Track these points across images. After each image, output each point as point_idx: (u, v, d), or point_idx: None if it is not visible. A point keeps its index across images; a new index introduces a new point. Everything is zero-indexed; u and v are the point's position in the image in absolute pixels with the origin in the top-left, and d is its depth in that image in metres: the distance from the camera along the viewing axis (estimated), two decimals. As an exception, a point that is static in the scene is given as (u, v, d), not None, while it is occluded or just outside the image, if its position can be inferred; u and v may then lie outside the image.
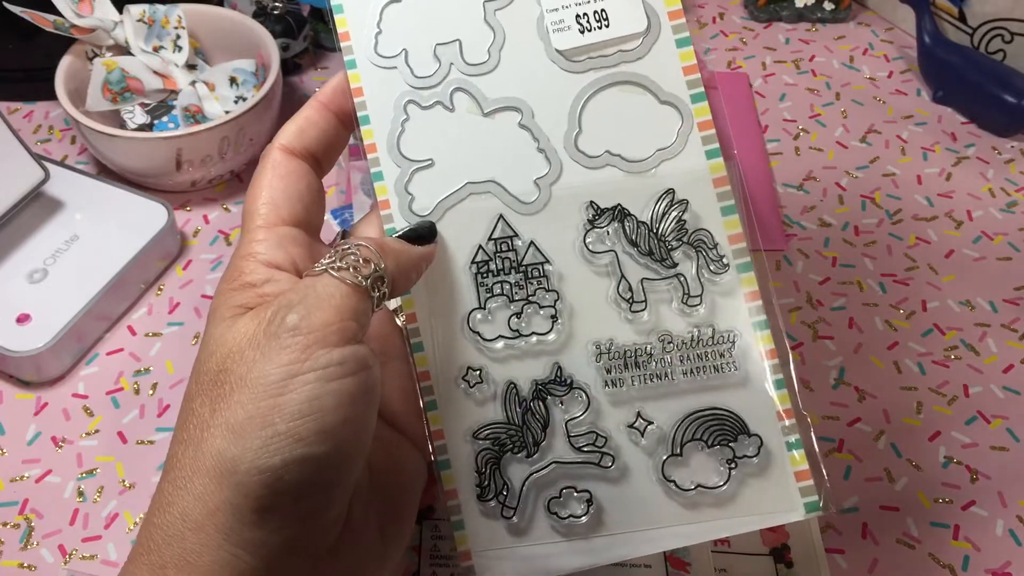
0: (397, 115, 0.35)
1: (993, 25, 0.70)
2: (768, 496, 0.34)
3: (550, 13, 0.35)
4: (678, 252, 0.35)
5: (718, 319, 0.34)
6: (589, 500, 0.34)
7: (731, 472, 0.34)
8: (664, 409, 0.34)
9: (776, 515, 0.33)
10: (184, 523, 0.27)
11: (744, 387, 0.34)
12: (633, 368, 0.34)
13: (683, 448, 0.34)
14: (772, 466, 0.34)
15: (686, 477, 0.34)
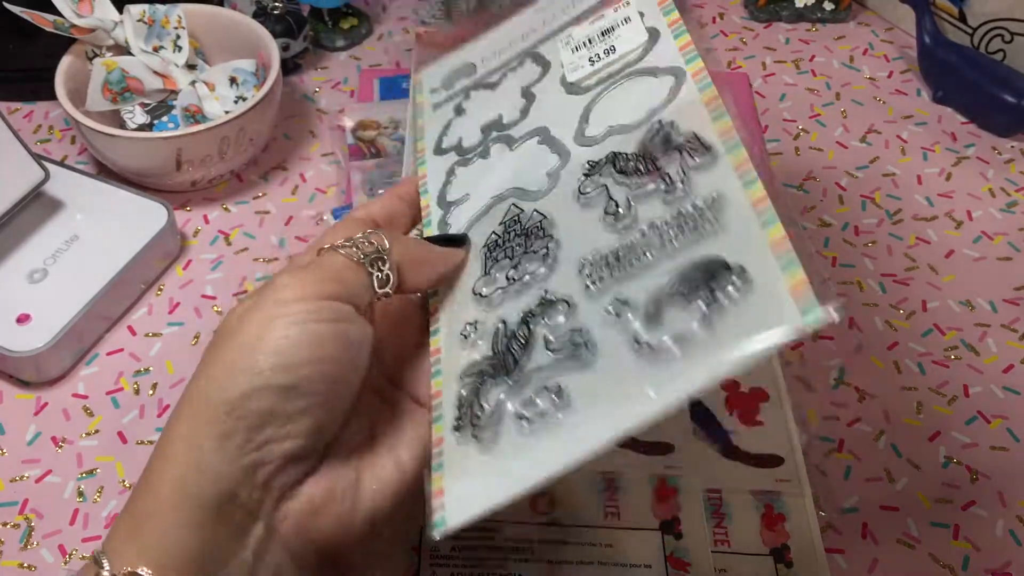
0: (446, 179, 0.41)
1: (993, 25, 0.70)
2: (754, 315, 0.29)
3: (569, 66, 0.41)
4: (663, 159, 0.35)
5: (700, 190, 0.33)
6: (558, 391, 0.31)
7: (710, 306, 0.30)
8: (642, 287, 0.32)
9: (765, 332, 0.28)
10: (161, 459, 0.30)
11: (727, 235, 0.31)
12: (614, 266, 0.33)
13: (658, 307, 0.31)
14: (758, 286, 0.29)
15: (661, 334, 0.30)
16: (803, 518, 0.42)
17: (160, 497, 0.29)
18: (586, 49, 0.41)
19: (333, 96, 0.70)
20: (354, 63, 0.73)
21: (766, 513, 0.42)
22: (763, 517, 0.41)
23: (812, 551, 0.40)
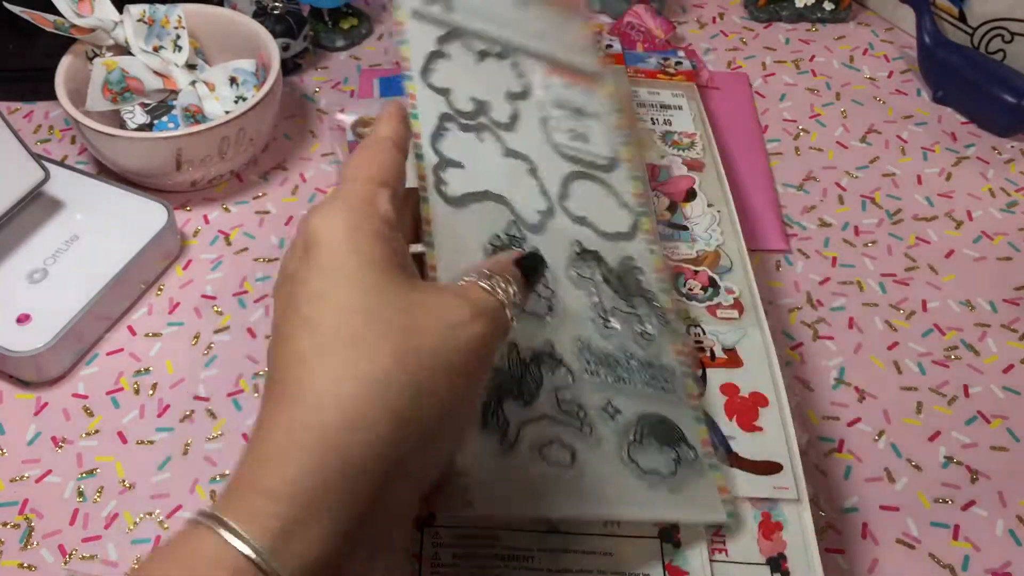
0: (440, 123, 0.44)
1: (993, 25, 0.70)
2: (703, 497, 0.41)
3: (553, 119, 0.47)
4: (636, 299, 0.45)
5: (662, 356, 0.44)
6: (572, 455, 0.39)
7: (677, 468, 0.41)
8: (629, 406, 0.41)
9: (709, 513, 0.41)
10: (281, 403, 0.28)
11: (682, 409, 0.43)
12: (606, 366, 0.42)
13: (643, 438, 0.41)
14: (704, 476, 0.42)
15: (644, 461, 0.40)
16: (800, 526, 0.42)
17: (289, 438, 0.27)
18: (564, 113, 0.48)
19: (333, 96, 0.70)
20: (354, 63, 0.73)
21: (763, 521, 0.42)
22: (761, 525, 0.41)
23: (808, 561, 0.41)
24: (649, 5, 0.74)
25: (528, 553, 0.40)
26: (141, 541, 0.46)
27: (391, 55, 0.74)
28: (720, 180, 0.57)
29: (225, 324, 0.55)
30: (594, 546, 0.40)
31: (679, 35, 0.76)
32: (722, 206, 0.56)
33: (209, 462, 0.49)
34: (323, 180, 0.64)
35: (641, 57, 0.67)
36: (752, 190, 0.63)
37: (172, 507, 0.47)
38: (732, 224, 0.54)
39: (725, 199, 0.56)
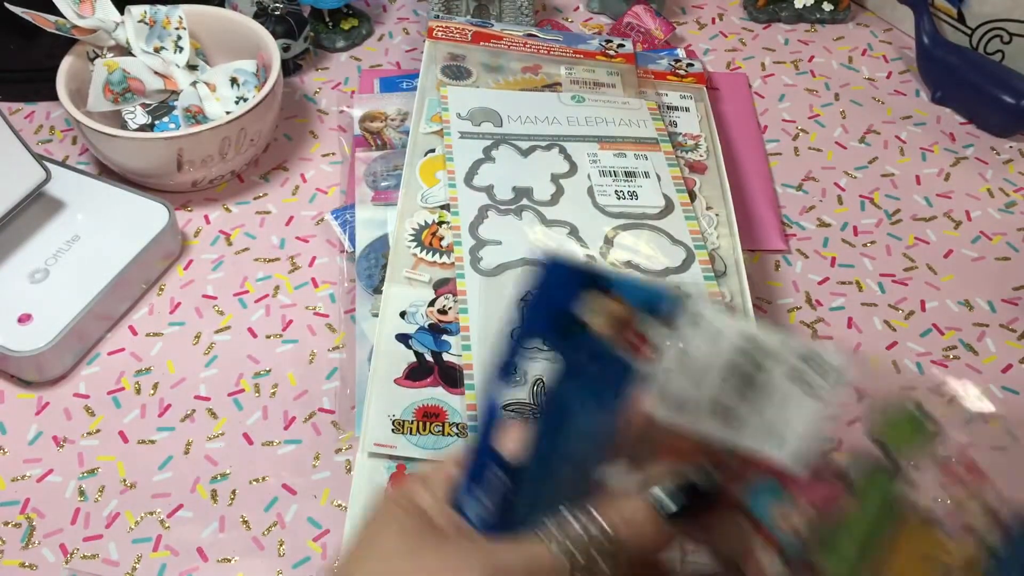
0: (479, 213, 0.52)
1: (992, 26, 0.70)
2: None
3: (597, 187, 0.54)
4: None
5: None
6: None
7: None
8: None
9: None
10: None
11: None
12: None
13: None
14: None
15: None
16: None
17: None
18: (612, 180, 0.54)
19: (334, 97, 0.70)
20: (354, 63, 0.73)
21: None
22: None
23: None
24: (648, 6, 0.74)
25: None
26: (142, 540, 0.46)
27: (391, 56, 0.74)
28: (721, 183, 0.58)
29: (226, 324, 0.55)
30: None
31: (679, 36, 0.76)
32: (720, 209, 0.56)
33: (210, 461, 0.49)
34: (323, 180, 0.64)
35: (652, 58, 0.67)
36: (751, 190, 0.63)
37: (173, 506, 0.47)
38: (729, 227, 0.55)
39: (724, 202, 0.56)
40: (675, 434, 0.27)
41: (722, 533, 0.28)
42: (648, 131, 0.58)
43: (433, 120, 0.59)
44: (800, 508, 0.26)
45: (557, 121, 0.58)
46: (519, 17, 0.71)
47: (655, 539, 0.27)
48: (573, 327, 0.27)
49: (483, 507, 0.28)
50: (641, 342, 0.27)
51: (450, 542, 0.28)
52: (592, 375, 0.27)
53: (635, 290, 0.27)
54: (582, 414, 0.27)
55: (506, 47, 0.65)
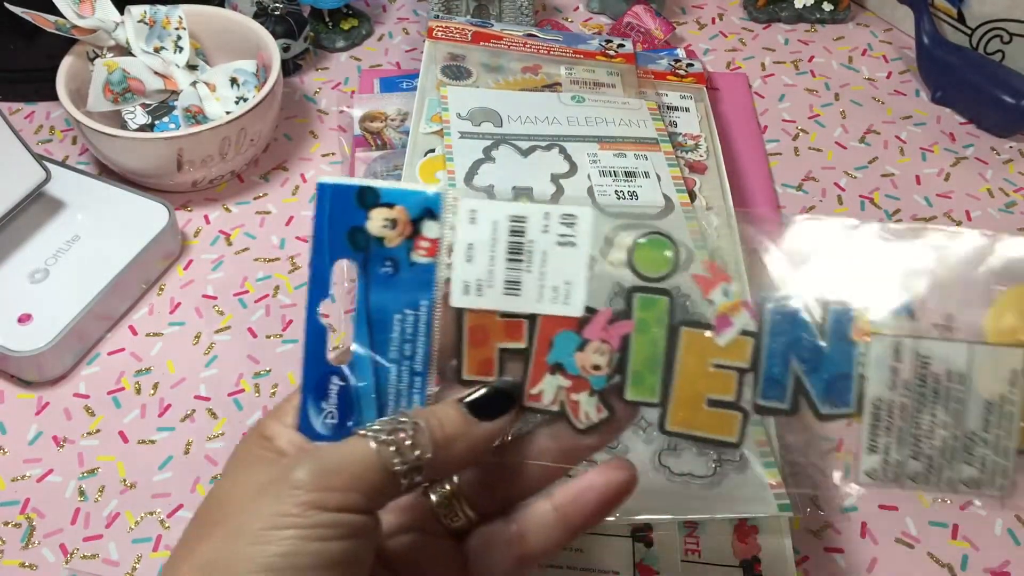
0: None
1: (992, 26, 0.70)
2: (746, 492, 0.41)
3: (597, 187, 0.53)
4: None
5: None
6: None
7: (716, 469, 0.41)
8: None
9: (752, 507, 0.41)
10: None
11: None
12: None
13: (677, 445, 0.42)
14: (750, 472, 0.41)
15: (678, 466, 0.41)
16: (776, 530, 0.42)
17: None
18: (612, 179, 0.53)
19: (334, 97, 0.70)
20: (354, 64, 0.73)
21: (739, 524, 0.42)
22: (736, 528, 0.42)
23: (783, 565, 0.41)
24: (648, 6, 0.74)
25: None
26: (142, 540, 0.46)
27: (391, 56, 0.74)
28: (721, 183, 0.58)
29: (226, 324, 0.55)
30: None
31: (679, 36, 0.76)
32: (721, 209, 0.56)
33: (210, 461, 0.49)
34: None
35: (652, 58, 0.67)
36: (752, 190, 0.63)
37: (173, 506, 0.47)
38: (730, 228, 0.55)
39: (724, 202, 0.56)
40: (481, 318, 0.30)
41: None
42: (648, 131, 0.58)
43: (433, 120, 0.59)
44: (598, 348, 0.30)
45: (557, 121, 0.58)
46: (519, 17, 0.71)
47: (467, 434, 0.29)
48: (366, 242, 0.30)
49: (330, 416, 0.30)
50: (429, 242, 0.30)
51: (285, 458, 0.29)
52: (397, 281, 0.30)
53: (407, 196, 0.30)
54: (399, 319, 0.30)
55: (506, 47, 0.65)
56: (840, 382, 0.29)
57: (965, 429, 0.29)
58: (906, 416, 0.30)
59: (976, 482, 0.30)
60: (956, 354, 0.29)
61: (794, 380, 0.29)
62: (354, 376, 0.30)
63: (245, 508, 0.27)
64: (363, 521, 0.27)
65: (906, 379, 0.29)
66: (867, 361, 0.29)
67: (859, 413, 0.30)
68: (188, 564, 0.26)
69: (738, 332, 0.29)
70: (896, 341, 0.29)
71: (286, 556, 0.25)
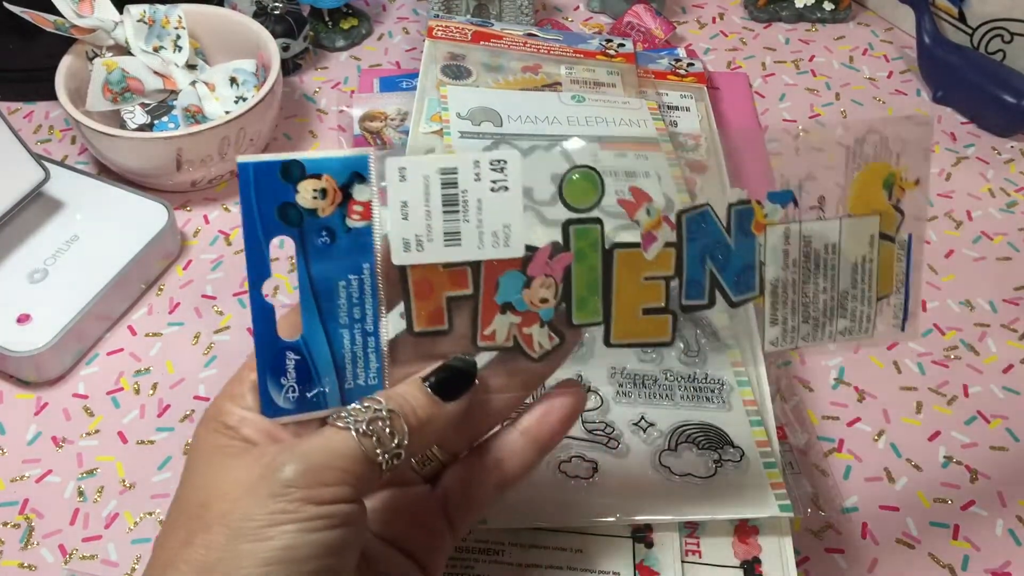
0: None
1: (993, 25, 0.70)
2: (746, 493, 0.41)
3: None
4: (681, 321, 0.46)
5: (709, 368, 0.46)
6: (595, 467, 0.42)
7: (717, 469, 0.42)
8: (664, 418, 0.44)
9: (752, 508, 0.41)
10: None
11: (729, 415, 0.44)
12: (641, 387, 0.45)
13: (678, 446, 0.43)
14: (751, 472, 0.42)
15: (678, 466, 0.42)
16: (777, 531, 0.41)
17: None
18: (612, 180, 0.51)
19: (333, 96, 0.70)
20: (354, 63, 0.73)
21: (740, 525, 0.42)
22: (736, 529, 0.41)
23: (783, 567, 0.41)
24: (649, 5, 0.74)
25: (498, 547, 0.41)
26: (141, 541, 0.46)
27: (391, 55, 0.74)
28: (722, 183, 0.57)
29: (225, 324, 0.55)
30: (565, 542, 0.41)
31: (679, 35, 0.76)
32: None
33: (209, 462, 0.49)
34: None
35: (652, 58, 0.67)
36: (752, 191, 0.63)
37: (172, 507, 0.47)
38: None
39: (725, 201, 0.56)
40: (425, 271, 0.31)
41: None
42: (648, 131, 0.58)
43: (433, 120, 0.59)
44: (543, 283, 0.31)
45: (557, 121, 0.58)
46: (519, 17, 0.71)
47: (437, 416, 0.31)
48: (299, 215, 0.30)
49: (291, 391, 0.31)
50: (362, 205, 0.30)
51: (256, 449, 0.29)
52: (336, 249, 0.30)
53: (332, 163, 0.30)
54: (344, 286, 0.31)
55: (506, 47, 0.65)
56: (746, 272, 0.33)
57: (839, 290, 0.34)
58: (796, 289, 0.34)
59: (850, 330, 0.35)
60: (830, 230, 0.33)
61: (710, 278, 0.33)
62: (308, 347, 0.31)
63: (239, 507, 0.27)
64: (353, 509, 0.28)
65: (794, 258, 0.33)
66: (765, 249, 0.33)
67: (762, 294, 0.33)
68: (187, 564, 0.27)
69: (662, 245, 0.32)
70: (785, 228, 0.33)
71: (287, 549, 0.26)
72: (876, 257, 0.34)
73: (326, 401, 0.31)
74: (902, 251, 0.35)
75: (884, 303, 0.35)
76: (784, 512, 0.40)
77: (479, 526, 0.40)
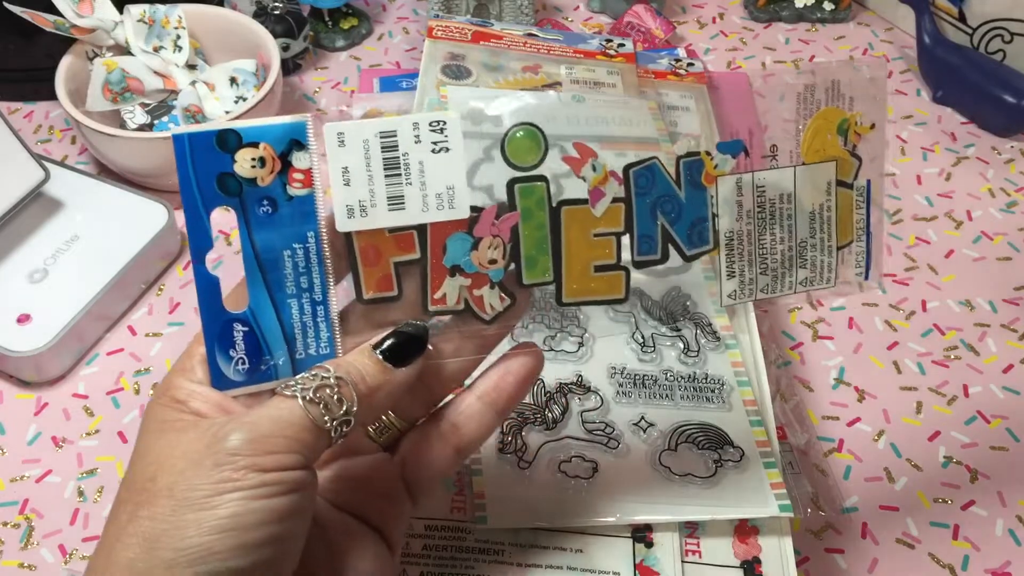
0: None
1: (993, 25, 0.70)
2: (746, 493, 0.41)
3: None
4: (681, 322, 0.47)
5: (709, 368, 0.46)
6: (595, 468, 0.42)
7: (717, 469, 0.42)
8: (664, 418, 0.44)
9: (752, 507, 0.41)
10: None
11: (729, 415, 0.44)
12: (640, 387, 0.45)
13: (678, 446, 0.43)
14: (751, 472, 0.42)
15: (678, 466, 0.42)
16: (777, 531, 0.41)
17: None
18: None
19: (333, 96, 0.70)
20: (354, 63, 0.73)
21: (740, 525, 0.42)
22: (736, 529, 0.41)
23: (784, 566, 0.41)
24: (649, 5, 0.74)
25: (498, 547, 0.41)
26: (141, 541, 0.46)
27: (391, 55, 0.74)
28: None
29: (225, 324, 0.55)
30: (565, 542, 0.41)
31: (679, 35, 0.76)
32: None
33: (209, 462, 0.49)
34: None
35: (652, 58, 0.67)
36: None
37: (172, 507, 0.47)
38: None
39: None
40: (370, 237, 0.30)
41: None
42: (649, 131, 0.58)
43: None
44: (491, 244, 0.31)
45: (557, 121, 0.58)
46: (519, 16, 0.71)
47: (387, 382, 0.30)
48: (238, 185, 0.30)
49: (241, 362, 0.31)
50: (302, 173, 0.30)
51: (205, 422, 0.29)
52: (279, 218, 0.30)
53: (269, 131, 0.29)
54: (289, 255, 0.31)
55: (506, 47, 0.65)
56: (699, 225, 0.32)
57: (797, 239, 0.34)
58: (752, 240, 0.33)
59: (810, 280, 0.34)
60: (784, 178, 0.33)
61: (662, 232, 0.32)
62: (256, 318, 0.30)
63: (184, 478, 0.27)
64: (301, 476, 0.28)
65: (748, 209, 0.33)
66: (717, 201, 0.32)
67: (716, 247, 0.33)
68: (134, 538, 0.26)
69: (610, 200, 0.32)
70: (738, 178, 0.33)
71: (233, 517, 0.26)
72: (834, 205, 0.34)
73: (277, 372, 0.31)
74: (861, 198, 0.34)
75: (846, 252, 0.34)
76: (784, 512, 0.40)
77: (479, 526, 0.40)
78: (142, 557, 0.26)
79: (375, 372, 0.30)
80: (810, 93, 0.34)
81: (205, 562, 0.26)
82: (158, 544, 0.26)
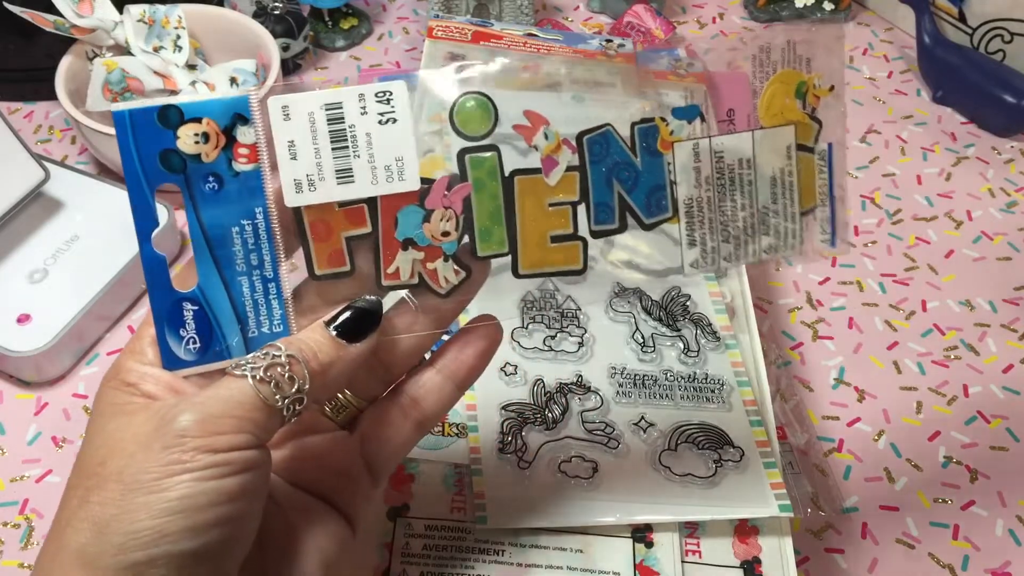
0: None
1: (993, 25, 0.70)
2: (746, 493, 0.41)
3: None
4: (681, 322, 0.47)
5: (709, 368, 0.46)
6: (595, 468, 0.42)
7: (717, 469, 0.42)
8: (664, 418, 0.44)
9: (752, 509, 0.41)
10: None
11: (729, 415, 0.44)
12: (641, 387, 0.45)
13: (678, 446, 0.43)
14: (751, 472, 0.42)
15: (678, 466, 0.42)
16: (777, 531, 0.42)
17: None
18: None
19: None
20: (354, 63, 0.73)
21: (740, 525, 0.42)
22: (736, 529, 0.41)
23: (784, 566, 0.41)
24: (649, 5, 0.74)
25: (498, 547, 0.41)
26: (141, 541, 0.46)
27: (391, 55, 0.74)
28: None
29: (225, 324, 0.55)
30: (565, 543, 0.41)
31: (679, 35, 0.76)
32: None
33: (209, 462, 0.49)
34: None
35: (652, 58, 0.67)
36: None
37: (172, 507, 0.47)
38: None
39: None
40: (320, 211, 0.30)
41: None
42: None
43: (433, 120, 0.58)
44: (443, 215, 0.30)
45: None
46: (519, 16, 0.71)
47: (340, 359, 0.30)
48: (182, 162, 0.29)
49: (192, 342, 0.30)
50: (247, 148, 0.29)
51: (155, 404, 0.29)
52: (225, 195, 0.30)
53: (211, 106, 0.29)
54: (237, 231, 0.30)
55: (506, 47, 0.65)
56: (657, 192, 0.32)
57: (759, 206, 0.33)
58: (712, 207, 0.32)
59: (774, 247, 0.33)
60: (742, 143, 0.33)
61: (619, 201, 0.31)
62: (205, 297, 0.30)
63: (134, 461, 0.27)
64: (253, 455, 0.28)
65: (707, 175, 0.32)
66: (675, 168, 0.32)
67: (676, 215, 0.32)
68: (85, 523, 0.26)
69: (564, 169, 0.31)
70: (694, 144, 0.32)
71: (184, 499, 0.26)
72: (795, 169, 0.33)
73: (230, 351, 0.30)
74: (823, 161, 0.34)
75: (810, 217, 0.33)
76: (784, 512, 0.41)
77: (479, 526, 0.40)
78: (93, 542, 0.26)
79: (328, 349, 0.30)
80: (766, 55, 0.33)
81: (156, 545, 0.26)
82: (108, 528, 0.26)
